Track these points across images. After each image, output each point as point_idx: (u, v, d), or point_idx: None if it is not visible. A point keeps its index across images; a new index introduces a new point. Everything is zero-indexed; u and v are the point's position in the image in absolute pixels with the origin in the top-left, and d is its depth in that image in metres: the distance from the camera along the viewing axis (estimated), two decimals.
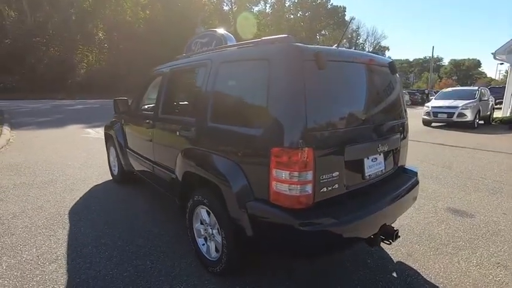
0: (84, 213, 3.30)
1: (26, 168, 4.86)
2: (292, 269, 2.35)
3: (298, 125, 1.61)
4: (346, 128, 1.86)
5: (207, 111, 2.18)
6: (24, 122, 10.21)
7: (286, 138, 1.63)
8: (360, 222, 1.77)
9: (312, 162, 1.63)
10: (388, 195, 2.07)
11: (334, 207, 1.74)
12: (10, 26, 25.87)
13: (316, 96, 1.70)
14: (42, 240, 2.72)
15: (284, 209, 1.67)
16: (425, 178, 4.81)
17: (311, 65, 1.69)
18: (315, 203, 1.69)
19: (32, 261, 2.41)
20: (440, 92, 13.54)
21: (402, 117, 2.46)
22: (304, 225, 1.62)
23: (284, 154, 1.63)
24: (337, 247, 1.85)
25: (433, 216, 3.39)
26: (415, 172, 2.52)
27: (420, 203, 3.76)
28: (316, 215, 1.66)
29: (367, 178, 2.01)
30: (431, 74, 46.29)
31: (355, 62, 2.05)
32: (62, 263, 2.39)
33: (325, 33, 54.46)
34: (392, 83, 2.35)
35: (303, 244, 1.67)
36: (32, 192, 3.89)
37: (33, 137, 7.74)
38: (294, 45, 1.73)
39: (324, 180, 1.70)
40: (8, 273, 2.25)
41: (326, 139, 1.73)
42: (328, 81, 1.80)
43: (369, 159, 2.02)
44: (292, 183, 1.64)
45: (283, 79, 1.68)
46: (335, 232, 1.67)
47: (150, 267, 2.36)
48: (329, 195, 1.76)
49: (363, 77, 2.08)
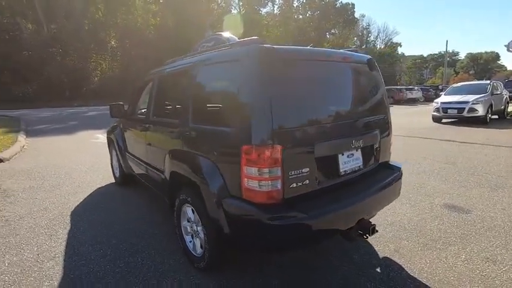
0: (85, 214, 3.46)
1: (36, 173, 5.11)
2: (279, 264, 2.40)
3: (265, 123, 1.68)
4: (315, 125, 1.91)
5: (189, 112, 2.28)
6: (39, 130, 10.66)
7: (254, 136, 1.69)
8: (331, 217, 1.81)
9: (279, 158, 1.69)
10: (364, 190, 2.09)
11: (305, 202, 1.79)
12: (27, 38, 27.00)
13: (283, 95, 1.76)
14: (43, 240, 2.88)
15: (255, 205, 1.73)
16: (426, 175, 4.75)
17: (278, 65, 1.75)
18: (285, 198, 1.75)
19: (32, 258, 2.57)
20: (450, 87, 13.21)
21: (382, 113, 2.47)
22: (273, 219, 1.67)
23: (253, 151, 1.69)
24: (308, 241, 1.89)
25: (427, 213, 3.35)
26: (398, 167, 2.53)
27: (416, 200, 3.73)
28: (286, 209, 1.71)
29: (342, 174, 2.04)
30: (445, 69, 45.08)
31: (326, 60, 2.09)
32: (59, 261, 2.53)
33: (335, 32, 54.00)
34: (370, 79, 2.37)
35: (273, 238, 1.72)
36: (39, 195, 4.09)
37: (46, 143, 8.08)
38: (260, 47, 1.79)
39: (293, 176, 1.76)
40: (10, 270, 2.40)
41: (294, 136, 1.79)
42: (297, 80, 1.86)
43: (344, 155, 2.06)
44: (261, 179, 1.70)
45: (250, 79, 1.75)
46: (303, 226, 1.72)
47: (140, 264, 2.46)
48: (300, 190, 1.81)
49: (335, 75, 2.12)
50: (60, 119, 14.14)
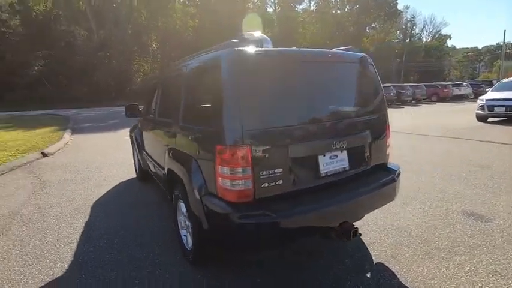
0: (104, 206, 3.78)
1: (71, 167, 5.67)
2: (265, 263, 2.44)
3: (235, 124, 1.73)
4: (290, 125, 1.90)
5: (179, 112, 2.40)
6: (84, 127, 11.72)
7: (226, 136, 1.76)
8: (302, 218, 1.81)
9: (250, 158, 1.73)
10: (348, 192, 2.04)
11: (279, 202, 1.81)
12: (80, 44, 29.71)
13: (255, 97, 1.79)
14: (64, 227, 3.22)
15: (228, 203, 1.79)
16: (452, 178, 4.41)
17: (250, 67, 1.79)
18: (257, 198, 1.78)
19: (51, 243, 2.89)
20: (499, 82, 11.93)
21: (376, 113, 2.37)
22: (241, 217, 1.72)
23: (225, 151, 1.76)
24: (279, 241, 1.90)
25: (440, 219, 3.14)
26: (394, 170, 2.41)
27: (432, 205, 3.50)
28: (255, 209, 1.75)
29: (323, 175, 2.01)
30: (502, 62, 40.64)
31: (305, 61, 2.07)
32: (73, 246, 2.83)
33: (376, 26, 51.48)
34: (362, 78, 2.29)
35: (242, 237, 1.77)
36: (70, 187, 4.55)
37: (87, 140, 8.88)
38: (233, 50, 1.84)
39: (264, 176, 1.78)
40: (32, 252, 2.74)
41: (266, 137, 1.81)
42: (271, 82, 1.87)
43: (325, 157, 2.03)
44: (233, 178, 1.76)
45: (223, 82, 1.81)
46: (272, 225, 1.74)
47: (140, 254, 2.65)
48: (274, 191, 1.83)
49: (315, 75, 2.08)
50: (103, 118, 15.39)
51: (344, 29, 45.64)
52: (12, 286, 2.27)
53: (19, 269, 2.49)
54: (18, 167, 5.66)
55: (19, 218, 3.46)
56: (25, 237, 3.02)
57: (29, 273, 2.42)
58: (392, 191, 2.35)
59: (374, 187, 2.18)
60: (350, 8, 48.27)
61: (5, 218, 3.47)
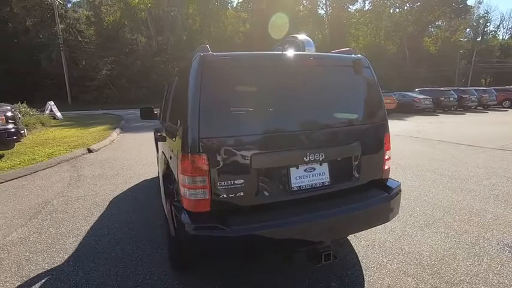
0: (119, 202, 4.02)
1: (108, 163, 6.18)
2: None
3: (194, 131, 1.67)
4: (253, 134, 1.77)
5: (166, 114, 2.43)
6: (133, 127, 12.73)
7: (185, 144, 1.71)
8: (260, 234, 1.66)
9: (206, 167, 1.66)
10: (326, 210, 1.83)
11: (238, 215, 1.70)
12: (141, 50, 32.54)
13: (216, 104, 1.71)
14: (79, 219, 3.49)
15: (187, 212, 1.74)
16: (495, 199, 3.75)
17: (214, 73, 1.71)
18: (215, 209, 1.70)
19: (63, 233, 3.15)
20: None
21: (369, 121, 2.09)
22: (195, 229, 1.65)
23: (184, 159, 1.71)
24: (234, 254, 1.77)
25: (465, 248, 2.67)
26: (390, 188, 2.10)
27: (460, 229, 3.01)
28: (210, 221, 1.66)
29: (295, 189, 1.84)
30: None
31: (280, 65, 1.91)
32: (79, 238, 3.04)
33: (440, 24, 46.87)
34: (353, 83, 2.05)
35: (195, 247, 1.70)
36: (100, 182, 4.94)
37: (132, 138, 9.62)
38: (200, 55, 1.78)
39: (223, 187, 1.69)
40: (44, 239, 3.02)
41: (225, 146, 1.71)
42: (237, 88, 1.77)
43: (298, 169, 1.85)
44: (189, 187, 1.70)
45: (188, 88, 1.76)
46: (224, 240, 1.63)
47: (131, 252, 2.74)
48: (234, 202, 1.72)
49: (293, 80, 1.90)
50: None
51: (402, 28, 42.39)
52: (18, 270, 2.52)
53: (29, 254, 2.75)
54: (65, 161, 6.35)
55: (48, 208, 3.85)
56: (45, 225, 3.34)
57: (35, 259, 2.66)
58: (385, 212, 2.05)
59: (359, 206, 1.93)
60: (410, 6, 44.68)
61: (37, 207, 3.89)
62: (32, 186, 4.74)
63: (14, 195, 4.38)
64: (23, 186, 4.80)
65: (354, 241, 2.84)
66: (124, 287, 2.26)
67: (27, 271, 2.50)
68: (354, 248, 2.74)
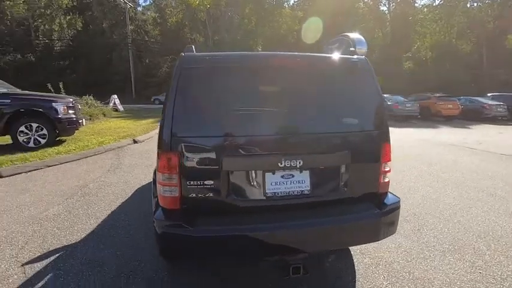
0: (143, 192, 4.31)
1: (147, 154, 6.68)
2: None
3: (167, 129, 1.71)
4: (226, 136, 1.73)
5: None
6: None
7: (160, 141, 1.75)
8: (224, 237, 1.63)
9: (177, 166, 1.68)
10: (299, 220, 1.72)
11: (206, 216, 1.69)
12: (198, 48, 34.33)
13: (191, 103, 1.72)
14: (102, 204, 3.83)
15: (161, 209, 1.80)
16: None
17: (190, 73, 1.72)
18: (185, 208, 1.72)
19: (88, 215, 3.50)
20: None
21: (364, 128, 1.88)
22: (162, 226, 1.70)
23: (158, 156, 1.76)
24: (201, 254, 1.75)
25: (490, 283, 2.28)
26: (385, 204, 1.87)
27: (492, 260, 2.59)
28: (177, 219, 1.69)
29: (269, 195, 1.76)
30: None
31: (259, 66, 1.83)
32: (99, 220, 3.34)
33: None
34: (346, 86, 1.87)
35: (163, 244, 1.73)
36: (134, 171, 5.37)
37: None
38: (181, 55, 1.81)
39: (192, 187, 1.70)
40: (71, 218, 3.39)
41: (197, 145, 1.71)
42: (213, 88, 1.75)
43: (275, 175, 1.76)
44: (163, 184, 1.75)
45: (170, 86, 1.79)
46: (187, 239, 1.64)
47: (140, 239, 2.93)
48: (204, 203, 1.72)
49: (273, 82, 1.80)
50: None
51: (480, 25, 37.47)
52: (42, 242, 2.87)
53: (55, 230, 3.12)
54: (112, 150, 7.04)
55: (83, 190, 4.32)
56: (76, 206, 3.75)
57: (58, 235, 3.01)
58: (374, 229, 1.84)
59: (340, 220, 1.77)
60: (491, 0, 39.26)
61: (76, 188, 4.39)
62: (78, 170, 5.36)
63: (63, 176, 5.01)
64: (71, 169, 5.45)
65: (358, 256, 2.62)
66: (119, 271, 2.42)
67: (49, 244, 2.83)
68: (355, 263, 2.53)
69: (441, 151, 7.63)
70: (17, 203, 3.82)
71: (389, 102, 16.13)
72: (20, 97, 6.58)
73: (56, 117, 6.58)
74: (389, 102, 16.22)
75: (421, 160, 6.49)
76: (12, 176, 4.96)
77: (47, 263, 2.53)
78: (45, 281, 2.30)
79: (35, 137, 6.50)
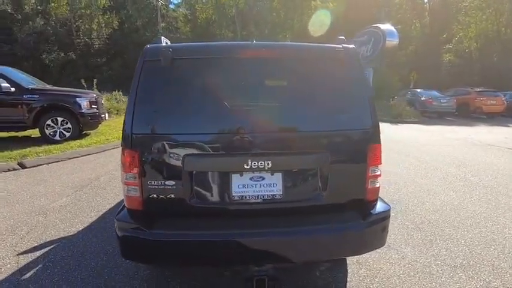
0: None
1: None
2: None
3: (128, 126, 1.62)
4: (187, 133, 1.60)
5: None
6: None
7: (123, 138, 1.67)
8: (179, 243, 1.51)
9: (137, 164, 1.60)
10: (264, 228, 1.56)
11: (168, 219, 1.60)
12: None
13: (152, 99, 1.61)
14: (110, 196, 3.92)
15: (127, 210, 1.73)
16: None
17: (151, 66, 1.62)
18: (147, 209, 1.63)
19: (91, 207, 3.58)
20: None
21: (346, 127, 1.66)
22: (122, 228, 1.62)
23: (122, 153, 1.69)
24: (156, 261, 1.65)
25: None
26: (370, 214, 1.64)
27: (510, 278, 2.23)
28: (137, 221, 1.61)
29: (236, 199, 1.61)
30: None
31: (230, 58, 1.66)
32: (99, 213, 3.40)
33: None
34: (327, 81, 1.65)
35: (122, 246, 1.65)
36: None
37: None
38: (146, 46, 1.70)
39: (153, 187, 1.60)
40: (75, 211, 3.48)
41: (157, 143, 1.60)
42: (175, 82, 1.62)
43: (242, 177, 1.61)
44: (126, 183, 1.68)
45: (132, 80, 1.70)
46: (143, 243, 1.54)
47: None
48: (166, 204, 1.62)
49: (244, 75, 1.63)
50: None
51: None
52: (43, 232, 2.98)
53: (57, 221, 3.21)
54: None
55: (94, 183, 4.45)
56: (83, 198, 3.87)
57: (58, 226, 3.10)
58: (355, 242, 1.62)
59: (313, 230, 1.57)
60: None
61: (88, 181, 4.54)
62: (94, 163, 5.57)
63: (80, 168, 5.22)
64: (89, 161, 5.68)
65: (353, 266, 2.40)
66: (103, 266, 2.42)
67: (48, 235, 2.92)
68: (348, 275, 2.31)
69: (475, 151, 6.93)
70: (32, 193, 4.02)
71: (422, 98, 15.09)
72: (47, 92, 6.98)
73: (79, 112, 6.90)
74: (422, 97, 15.16)
75: (448, 161, 5.92)
76: (35, 167, 5.27)
77: (39, 254, 2.60)
78: (33, 272, 2.35)
79: (60, 130, 6.87)
